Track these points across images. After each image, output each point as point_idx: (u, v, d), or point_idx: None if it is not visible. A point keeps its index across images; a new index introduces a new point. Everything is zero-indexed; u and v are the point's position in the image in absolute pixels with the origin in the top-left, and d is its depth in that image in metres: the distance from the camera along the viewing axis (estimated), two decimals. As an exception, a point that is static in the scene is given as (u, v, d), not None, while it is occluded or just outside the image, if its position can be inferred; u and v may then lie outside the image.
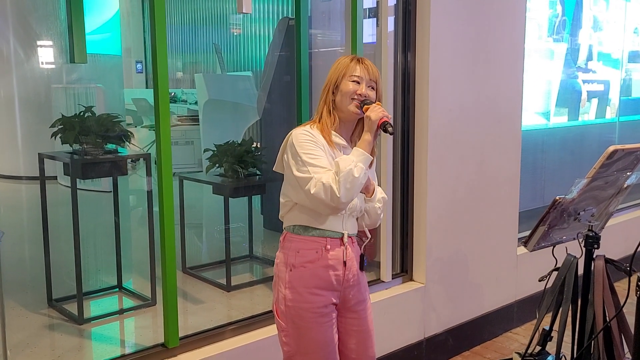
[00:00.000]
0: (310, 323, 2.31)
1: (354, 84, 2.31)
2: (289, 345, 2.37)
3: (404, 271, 4.00)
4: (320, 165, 2.19)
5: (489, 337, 4.41)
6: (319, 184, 2.14)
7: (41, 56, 6.51)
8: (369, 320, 2.50)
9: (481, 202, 4.21)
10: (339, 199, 2.13)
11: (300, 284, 2.31)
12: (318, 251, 2.31)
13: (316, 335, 2.32)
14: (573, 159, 5.75)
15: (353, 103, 2.30)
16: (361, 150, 2.22)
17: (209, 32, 11.09)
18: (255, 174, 4.63)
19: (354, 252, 2.40)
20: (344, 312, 2.43)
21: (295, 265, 2.32)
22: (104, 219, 4.48)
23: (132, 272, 4.55)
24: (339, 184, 2.12)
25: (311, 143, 2.24)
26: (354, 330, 2.46)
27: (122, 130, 3.96)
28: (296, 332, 2.34)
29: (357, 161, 2.18)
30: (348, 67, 2.34)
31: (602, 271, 2.69)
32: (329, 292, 2.33)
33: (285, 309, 2.34)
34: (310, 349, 2.34)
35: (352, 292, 2.40)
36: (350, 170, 2.13)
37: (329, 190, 2.13)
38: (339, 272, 2.33)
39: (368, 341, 2.49)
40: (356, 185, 2.16)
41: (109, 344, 3.55)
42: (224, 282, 4.30)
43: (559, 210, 2.60)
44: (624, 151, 2.47)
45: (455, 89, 3.93)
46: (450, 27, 3.85)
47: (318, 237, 2.31)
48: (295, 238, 2.34)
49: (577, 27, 5.59)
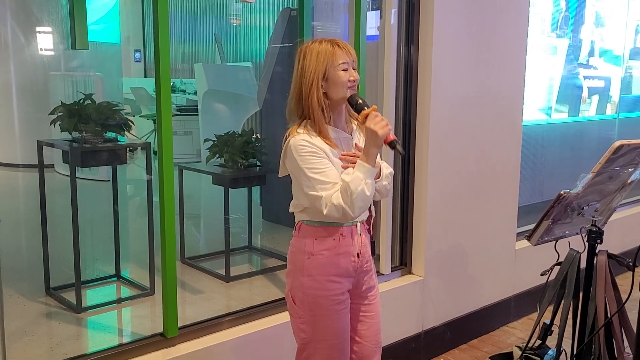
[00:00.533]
0: (328, 310, 2.33)
1: (344, 72, 2.25)
2: (305, 332, 2.38)
3: (403, 264, 4.00)
4: (326, 181, 2.18)
5: (486, 330, 4.42)
6: (330, 205, 2.16)
7: (41, 42, 6.48)
8: (378, 306, 2.54)
9: (481, 196, 4.20)
10: (353, 217, 2.18)
11: (319, 272, 2.32)
12: (335, 238, 2.32)
13: (332, 323, 2.35)
14: (573, 154, 5.75)
15: (349, 91, 2.26)
16: (367, 166, 2.18)
17: (209, 21, 11.04)
18: (255, 165, 4.62)
19: (367, 238, 2.43)
20: (356, 298, 2.46)
21: (313, 253, 2.32)
22: (103, 208, 4.47)
23: (131, 262, 4.54)
24: (352, 204, 2.14)
25: (313, 155, 2.20)
26: (364, 315, 2.49)
27: (122, 119, 3.94)
28: (313, 319, 2.35)
29: (365, 178, 2.16)
30: (333, 55, 2.24)
31: (604, 266, 2.69)
32: (345, 279, 2.36)
33: (303, 297, 2.35)
34: (326, 336, 2.35)
35: (365, 277, 2.44)
36: (362, 190, 2.14)
37: (341, 211, 2.16)
38: (354, 259, 2.36)
39: (376, 326, 2.53)
40: (369, 201, 2.19)
41: (107, 332, 3.54)
42: (223, 273, 4.29)
43: (563, 205, 2.59)
44: (629, 146, 2.47)
45: (457, 82, 3.92)
46: (453, 21, 3.84)
47: (334, 226, 2.32)
48: (310, 227, 2.34)
49: (580, 23, 5.57)
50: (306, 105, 2.27)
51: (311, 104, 2.25)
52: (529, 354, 3.01)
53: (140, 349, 2.85)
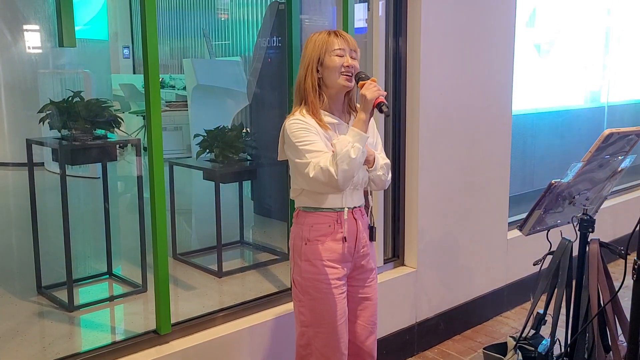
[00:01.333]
0: (325, 295, 2.41)
1: (339, 57, 2.33)
2: (304, 315, 2.48)
3: (395, 256, 4.00)
4: (316, 150, 2.25)
5: (479, 321, 4.43)
6: (317, 167, 2.20)
7: (28, 40, 6.43)
8: (375, 289, 2.63)
9: (472, 186, 4.20)
10: (337, 180, 2.19)
11: (316, 257, 2.40)
12: (331, 225, 2.40)
13: (331, 306, 2.42)
14: (562, 142, 5.76)
15: (342, 77, 2.33)
16: (357, 130, 2.23)
17: (197, 16, 10.99)
18: (245, 159, 4.61)
19: (364, 223, 2.50)
20: (353, 282, 2.54)
21: (310, 239, 2.41)
22: (93, 205, 4.45)
23: (122, 259, 4.52)
24: (336, 166, 2.17)
25: (303, 130, 2.29)
26: (361, 297, 2.58)
27: (111, 116, 3.92)
28: (311, 303, 2.44)
29: (354, 141, 2.20)
30: (327, 42, 2.35)
31: (596, 255, 2.69)
32: (342, 264, 2.44)
33: (302, 281, 2.45)
34: (324, 319, 2.44)
35: (362, 261, 2.52)
36: (347, 152, 2.17)
37: (326, 173, 2.18)
38: (350, 244, 2.43)
39: (372, 308, 2.63)
40: (354, 165, 2.20)
41: (100, 331, 3.53)
42: (215, 268, 4.27)
43: (555, 194, 2.60)
44: (618, 134, 2.48)
45: (446, 73, 3.92)
46: (441, 12, 3.83)
47: (330, 212, 2.40)
48: (308, 214, 2.42)
49: (567, 13, 5.58)
50: (303, 89, 2.38)
51: (306, 87, 2.36)
52: (523, 344, 3.02)
53: (133, 347, 2.84)
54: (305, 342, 2.51)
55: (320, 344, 2.46)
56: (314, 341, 2.47)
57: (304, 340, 2.51)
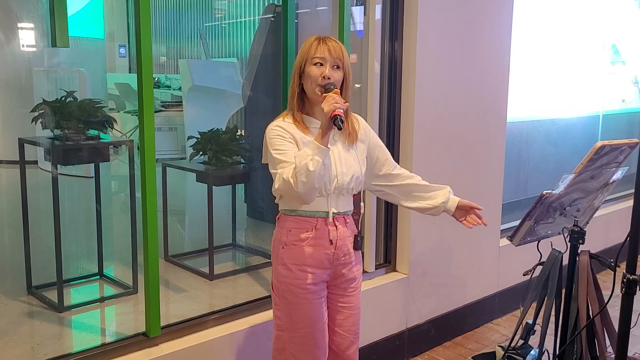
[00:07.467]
0: (300, 299, 2.41)
1: (318, 66, 2.33)
2: (280, 319, 2.48)
3: (387, 262, 4.00)
4: (285, 160, 2.27)
5: (470, 327, 4.43)
6: (281, 179, 2.24)
7: (22, 39, 6.40)
8: (357, 298, 2.59)
9: (465, 193, 4.17)
10: (297, 192, 2.20)
11: (291, 261, 2.40)
12: (308, 230, 2.39)
13: (306, 311, 2.42)
14: (557, 151, 5.76)
15: (318, 87, 2.33)
16: (316, 143, 2.22)
17: (194, 17, 10.98)
18: (239, 162, 4.60)
19: (349, 230, 2.48)
20: (334, 289, 2.53)
21: (287, 243, 2.41)
22: (86, 205, 4.43)
23: (113, 260, 4.51)
24: (295, 178, 2.19)
25: (279, 138, 2.32)
26: (342, 306, 2.55)
27: (104, 116, 3.90)
28: (287, 307, 2.44)
29: (313, 154, 2.19)
30: (310, 49, 2.35)
31: (586, 266, 2.70)
32: (319, 270, 2.42)
33: (278, 284, 2.45)
34: (299, 324, 2.43)
35: (343, 269, 2.49)
36: (305, 164, 2.17)
37: (287, 185, 2.21)
38: (329, 251, 2.41)
39: (354, 317, 2.59)
40: (312, 177, 2.18)
41: (90, 332, 3.51)
42: (206, 271, 4.26)
43: (546, 205, 2.60)
44: (611, 147, 2.48)
45: (441, 78, 3.92)
46: (438, 17, 3.83)
47: (309, 217, 2.39)
48: (288, 218, 2.43)
49: (565, 20, 5.58)
50: (290, 94, 2.41)
51: (291, 93, 2.40)
52: (511, 353, 3.02)
53: (122, 349, 2.83)
54: (280, 346, 2.51)
55: (296, 348, 2.45)
56: (289, 346, 2.47)
57: (280, 344, 2.51)
